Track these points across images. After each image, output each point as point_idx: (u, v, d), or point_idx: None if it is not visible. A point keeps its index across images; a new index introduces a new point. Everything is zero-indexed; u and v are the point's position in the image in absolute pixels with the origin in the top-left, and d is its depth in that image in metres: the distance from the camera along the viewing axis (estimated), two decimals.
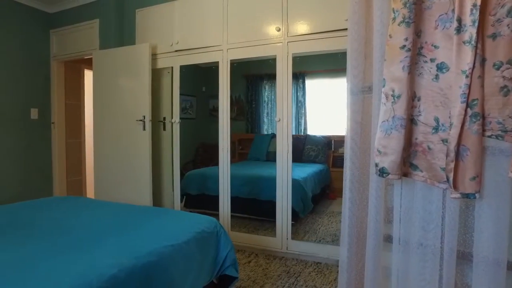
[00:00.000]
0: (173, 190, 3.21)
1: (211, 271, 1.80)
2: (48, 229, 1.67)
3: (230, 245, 1.90)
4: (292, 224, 2.67)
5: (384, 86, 1.06)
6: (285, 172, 2.65)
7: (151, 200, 3.05)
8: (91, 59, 3.50)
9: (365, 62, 1.28)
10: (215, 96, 3.02)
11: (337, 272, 2.41)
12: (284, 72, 2.64)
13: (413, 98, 1.05)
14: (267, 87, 4.24)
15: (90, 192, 4.24)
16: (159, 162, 3.28)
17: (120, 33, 3.46)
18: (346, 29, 2.39)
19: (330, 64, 3.49)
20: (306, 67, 3.68)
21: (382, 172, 1.07)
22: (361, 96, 1.30)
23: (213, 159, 3.84)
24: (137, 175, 3.10)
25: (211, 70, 3.28)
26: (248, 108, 4.27)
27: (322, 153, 3.91)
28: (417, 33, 1.02)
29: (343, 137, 3.61)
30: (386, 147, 1.05)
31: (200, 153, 4.13)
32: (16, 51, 3.56)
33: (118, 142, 3.24)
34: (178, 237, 1.61)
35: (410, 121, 1.06)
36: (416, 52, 1.03)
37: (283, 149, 2.65)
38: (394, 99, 1.03)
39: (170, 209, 2.61)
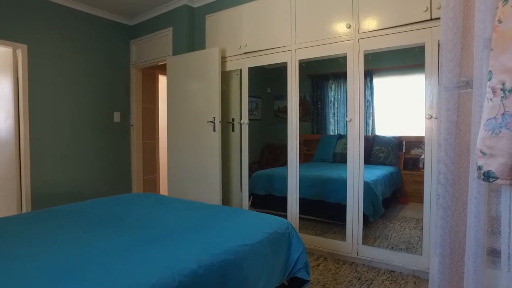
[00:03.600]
0: (241, 190, 3.27)
1: (283, 272, 1.78)
2: (132, 223, 1.80)
3: (302, 247, 1.86)
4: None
5: (490, 79, 0.93)
6: (356, 175, 2.53)
7: (221, 199, 3.14)
8: (164, 65, 3.75)
9: (462, 54, 1.15)
10: (280, 97, 3.02)
11: (414, 283, 2.24)
12: (355, 70, 2.53)
13: None
14: (333, 86, 4.11)
15: (163, 190, 4.54)
16: (227, 162, 3.38)
17: (191, 38, 3.64)
18: (424, 21, 2.25)
19: (402, 60, 3.27)
20: (374, 64, 3.50)
21: (487, 177, 0.93)
22: (456, 92, 1.16)
23: (279, 160, 3.84)
24: (207, 174, 3.22)
25: (276, 71, 3.29)
26: (313, 109, 4.19)
27: (393, 154, 3.68)
28: None
29: (416, 137, 3.40)
30: (493, 148, 0.92)
31: (265, 153, 4.17)
32: (103, 61, 3.98)
33: (189, 142, 3.41)
34: (251, 237, 1.61)
35: None
36: None
37: (354, 150, 2.54)
38: (504, 93, 0.89)
39: (242, 209, 2.66)
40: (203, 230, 1.67)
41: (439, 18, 2.13)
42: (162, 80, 4.50)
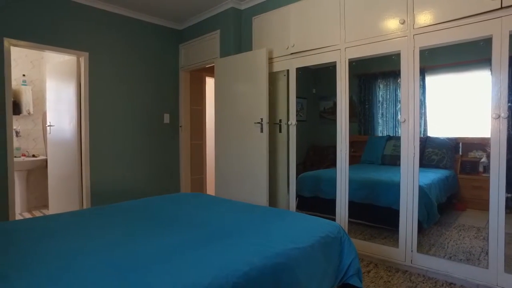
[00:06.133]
0: (288, 192, 3.25)
1: (334, 278, 1.74)
2: (184, 222, 1.85)
3: (354, 253, 1.80)
4: None
5: None
6: (410, 178, 2.40)
7: (267, 201, 3.14)
8: (211, 67, 3.84)
9: None
10: (326, 98, 2.95)
11: None
12: (410, 68, 2.40)
13: None
14: (381, 86, 3.94)
15: (210, 190, 4.65)
16: (274, 164, 3.37)
17: (238, 40, 3.69)
18: (492, 10, 2.04)
19: (459, 55, 3.02)
20: (426, 61, 3.29)
21: None
22: None
23: (324, 162, 3.75)
24: (255, 175, 3.24)
25: (321, 71, 3.21)
26: (360, 109, 4.05)
27: (448, 157, 3.43)
28: None
29: (477, 139, 3.13)
30: None
31: (310, 155, 4.09)
32: (154, 65, 4.18)
33: (237, 143, 3.45)
34: (303, 240, 1.59)
35: None
36: None
37: (409, 152, 2.41)
38: None
39: (290, 211, 2.64)
40: (253, 231, 1.68)
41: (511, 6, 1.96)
42: (209, 82, 4.62)
